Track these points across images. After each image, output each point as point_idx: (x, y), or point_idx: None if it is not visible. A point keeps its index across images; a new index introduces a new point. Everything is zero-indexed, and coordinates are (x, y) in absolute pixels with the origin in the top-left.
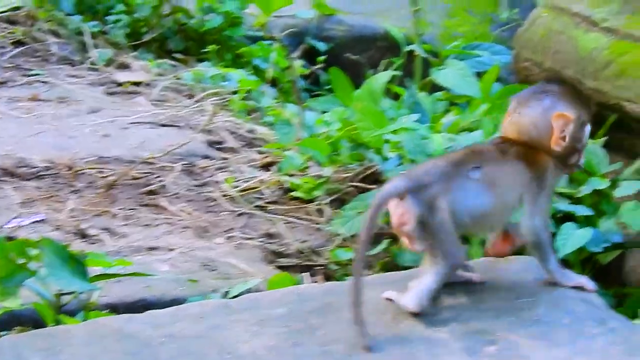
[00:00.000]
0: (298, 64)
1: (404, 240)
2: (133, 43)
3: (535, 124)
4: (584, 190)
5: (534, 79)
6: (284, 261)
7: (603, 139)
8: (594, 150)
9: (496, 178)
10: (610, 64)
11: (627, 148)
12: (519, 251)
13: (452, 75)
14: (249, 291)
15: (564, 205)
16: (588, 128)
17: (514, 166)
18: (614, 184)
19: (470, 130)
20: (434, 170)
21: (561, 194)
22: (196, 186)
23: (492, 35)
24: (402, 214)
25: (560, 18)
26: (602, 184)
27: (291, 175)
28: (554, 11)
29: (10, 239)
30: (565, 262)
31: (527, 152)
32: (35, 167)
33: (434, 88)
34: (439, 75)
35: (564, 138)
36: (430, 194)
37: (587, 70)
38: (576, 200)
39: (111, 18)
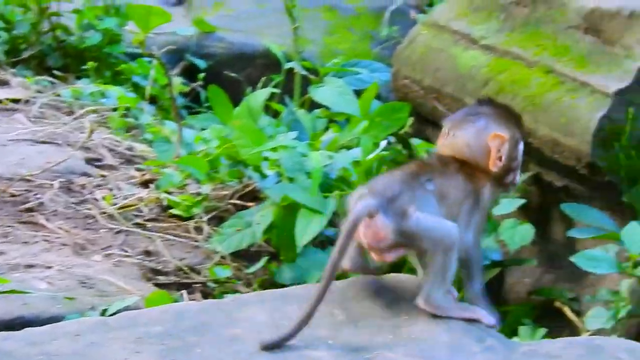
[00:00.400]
0: (177, 82)
1: (374, 256)
2: (12, 60)
3: (469, 146)
4: None
5: (413, 96)
6: (162, 279)
7: None
8: None
9: (444, 191)
10: (489, 82)
11: None
12: (398, 268)
13: (330, 93)
14: (127, 309)
15: None
16: (522, 146)
17: (456, 179)
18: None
19: (349, 147)
20: (396, 182)
21: None
22: (74, 203)
23: (373, 52)
24: (376, 231)
25: (440, 36)
26: None
27: (170, 193)
28: (434, 29)
29: None
30: None
31: (466, 167)
32: None
33: (314, 105)
34: (318, 93)
35: (500, 158)
36: (400, 205)
37: (466, 88)
38: None
39: None
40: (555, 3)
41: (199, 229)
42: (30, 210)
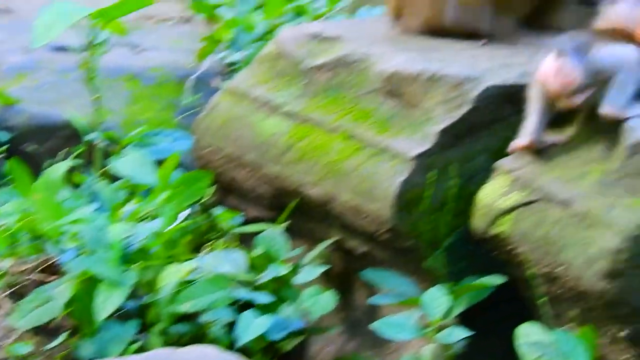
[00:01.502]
0: None
1: (562, 102)
2: None
3: (627, 13)
4: (265, 277)
5: (214, 165)
6: None
7: (284, 224)
8: (274, 236)
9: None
10: (290, 149)
11: (308, 233)
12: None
13: (130, 164)
14: None
15: (244, 293)
16: None
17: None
18: (295, 269)
19: (152, 217)
20: (580, 35)
21: (240, 282)
22: None
23: (175, 121)
24: (566, 73)
25: (241, 103)
26: (283, 270)
27: None
28: (235, 96)
29: None
30: (245, 351)
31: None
32: None
33: (116, 176)
34: (118, 165)
35: None
36: (585, 49)
37: (268, 155)
38: (257, 288)
39: None
40: (356, 68)
41: None
42: None
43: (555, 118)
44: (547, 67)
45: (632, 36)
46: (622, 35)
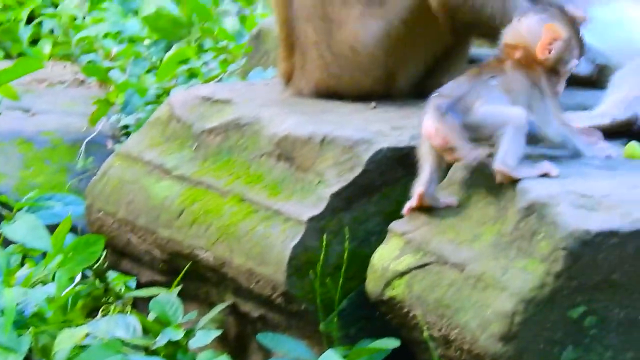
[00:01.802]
0: None
1: (448, 156)
2: None
3: (530, 31)
4: (159, 341)
5: (107, 229)
6: None
7: (177, 288)
8: (168, 300)
9: (508, 85)
10: (182, 212)
11: (202, 297)
12: None
13: (23, 228)
14: None
15: (139, 358)
16: (576, 62)
17: (515, 74)
18: (189, 333)
19: (45, 283)
20: (461, 83)
21: (136, 347)
22: None
23: (69, 185)
24: (445, 132)
25: (133, 167)
26: (177, 335)
27: None
28: (127, 160)
29: None
30: None
31: (522, 62)
32: None
33: (8, 241)
34: (10, 229)
35: (549, 51)
36: (466, 102)
37: (160, 219)
38: (151, 352)
39: None
40: (247, 131)
41: None
42: None
43: (449, 179)
44: (427, 124)
45: (533, 56)
46: (524, 53)
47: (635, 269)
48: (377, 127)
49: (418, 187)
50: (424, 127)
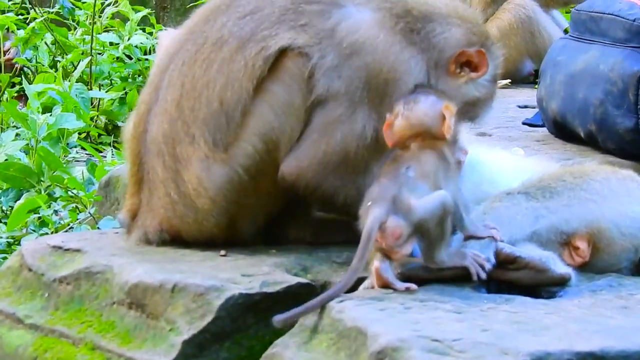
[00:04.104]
0: None
1: (393, 256)
2: None
3: (427, 115)
4: None
5: None
6: None
7: None
8: None
9: (423, 170)
10: None
11: None
12: None
13: None
14: None
15: None
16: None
17: (423, 155)
18: None
19: None
20: (388, 184)
21: None
22: None
23: None
24: (393, 233)
25: None
26: None
27: None
28: None
29: None
30: None
31: (423, 140)
32: None
33: None
34: None
35: (450, 127)
36: (402, 202)
37: None
38: None
39: None
40: (99, 279)
41: None
42: None
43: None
44: (372, 225)
45: (437, 135)
46: (426, 136)
47: None
48: (228, 275)
49: (374, 263)
50: (368, 226)
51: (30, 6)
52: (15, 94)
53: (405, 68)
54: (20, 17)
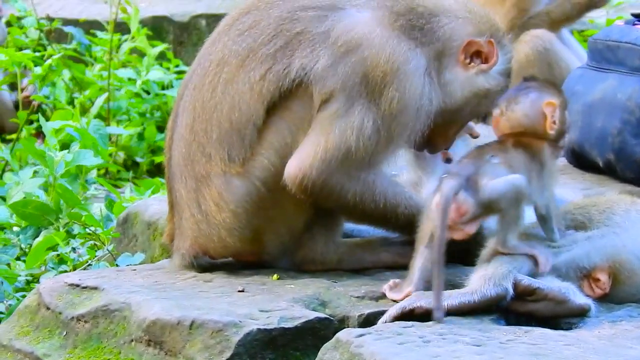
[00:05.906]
0: None
1: (455, 234)
2: None
3: (527, 115)
4: None
5: None
6: None
7: None
8: None
9: (509, 162)
10: None
11: None
12: None
13: None
14: None
15: None
16: (567, 111)
17: (515, 153)
18: None
19: None
20: (467, 163)
21: None
22: None
23: None
24: (459, 207)
25: (4, 356)
26: None
27: None
28: None
29: None
30: None
31: (522, 140)
32: None
33: None
34: None
35: (554, 122)
36: (475, 181)
37: None
38: None
39: None
40: (116, 317)
41: None
42: None
43: None
44: (447, 193)
45: (541, 134)
46: (530, 135)
47: None
48: (246, 310)
49: (406, 287)
50: (436, 204)
51: (47, 43)
52: (33, 131)
53: (404, 59)
54: (37, 54)
